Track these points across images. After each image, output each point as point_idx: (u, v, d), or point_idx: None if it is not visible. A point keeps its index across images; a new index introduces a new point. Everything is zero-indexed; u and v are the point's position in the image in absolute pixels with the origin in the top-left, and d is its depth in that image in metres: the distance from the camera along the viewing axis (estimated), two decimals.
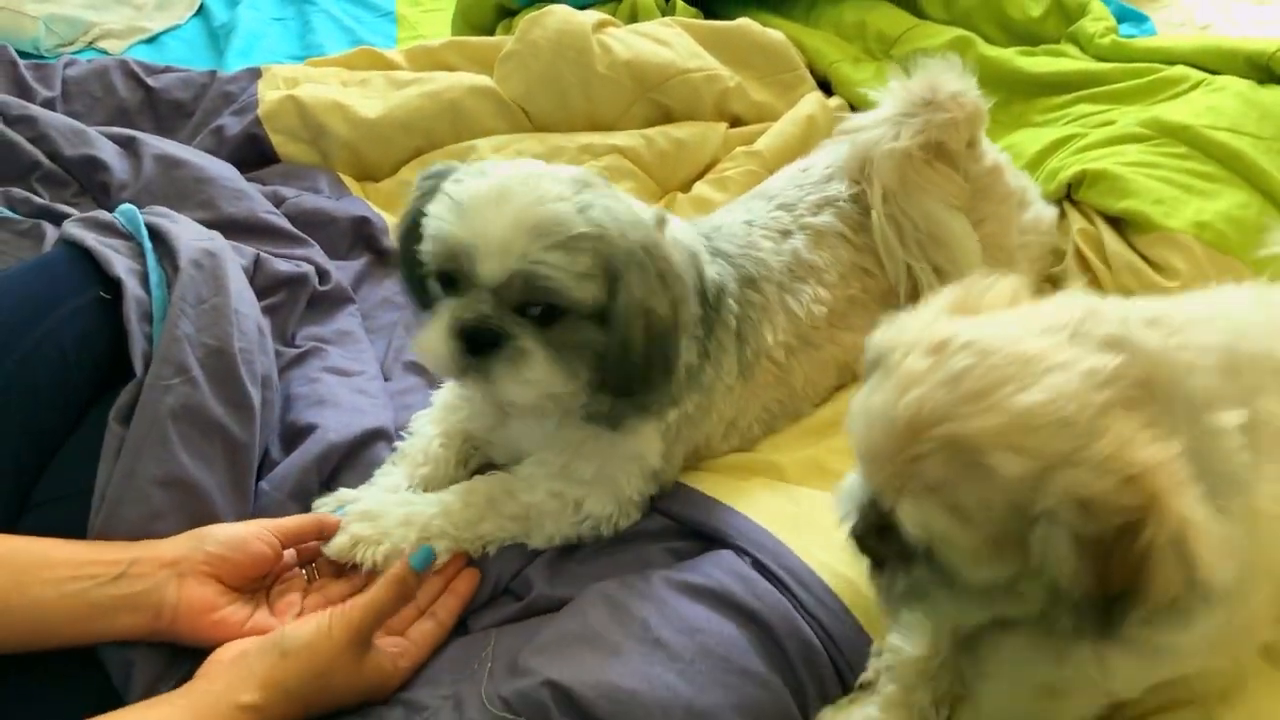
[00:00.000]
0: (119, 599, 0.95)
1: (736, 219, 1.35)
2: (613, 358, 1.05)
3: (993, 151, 1.50)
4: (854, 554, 0.88)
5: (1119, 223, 1.54)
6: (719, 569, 1.09)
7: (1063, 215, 1.60)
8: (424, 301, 1.14)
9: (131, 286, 1.14)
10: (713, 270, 1.21)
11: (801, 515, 1.16)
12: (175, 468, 1.06)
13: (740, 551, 1.11)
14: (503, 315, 1.03)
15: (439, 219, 1.03)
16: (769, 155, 1.81)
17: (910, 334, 0.80)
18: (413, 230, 1.08)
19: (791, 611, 1.05)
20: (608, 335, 1.05)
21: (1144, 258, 1.48)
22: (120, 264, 1.16)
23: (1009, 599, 0.80)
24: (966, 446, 0.72)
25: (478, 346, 1.03)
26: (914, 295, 1.36)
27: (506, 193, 1.01)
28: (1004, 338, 0.76)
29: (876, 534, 0.83)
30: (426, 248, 1.05)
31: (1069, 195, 1.61)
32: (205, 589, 0.99)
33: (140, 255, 1.19)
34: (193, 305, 1.15)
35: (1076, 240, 1.55)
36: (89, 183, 1.61)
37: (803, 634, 1.04)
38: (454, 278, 1.04)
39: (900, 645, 1.02)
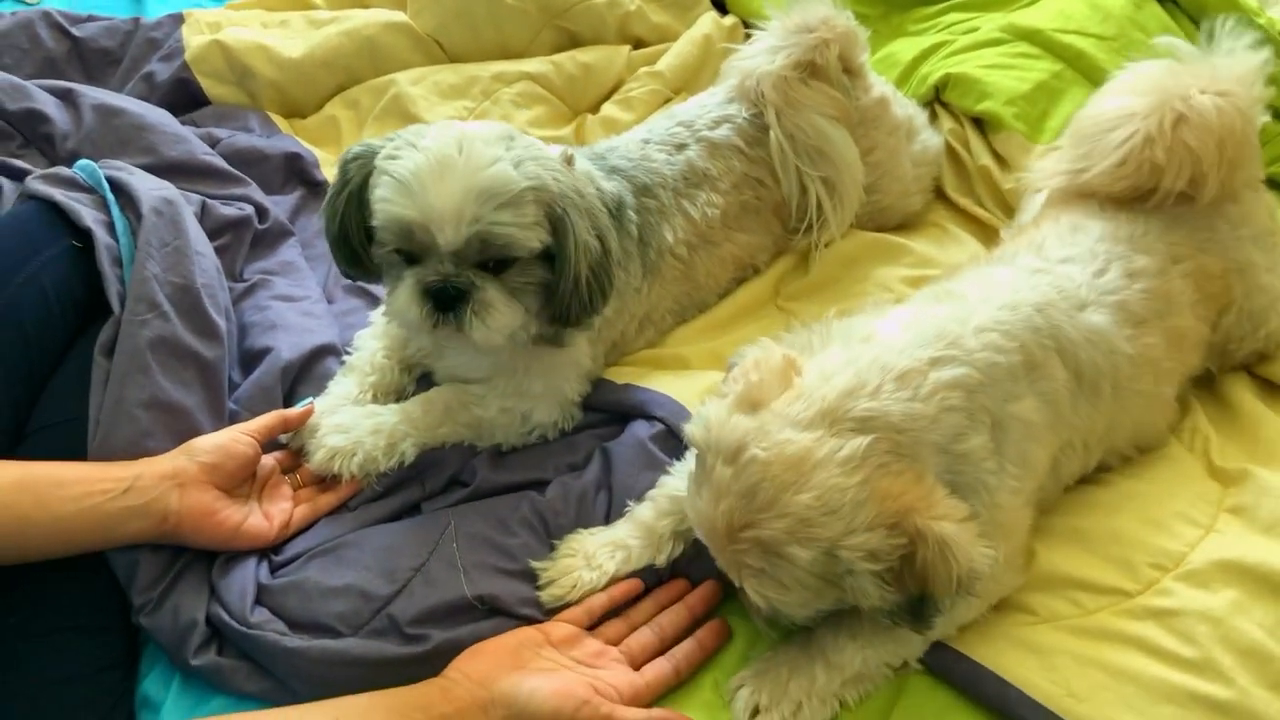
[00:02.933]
0: (128, 510, 1.10)
1: (634, 137, 1.49)
2: (563, 291, 1.18)
3: (880, 84, 1.66)
4: None
5: (981, 121, 1.72)
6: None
7: (934, 117, 1.78)
8: (356, 271, 1.26)
9: (100, 235, 1.27)
10: (610, 186, 1.33)
11: (700, 389, 1.34)
12: (158, 391, 1.21)
13: (650, 418, 1.31)
14: (463, 271, 1.14)
15: (388, 202, 1.13)
16: (670, 74, 1.96)
17: (714, 434, 1.00)
18: (347, 209, 1.19)
19: None
20: (556, 272, 1.18)
21: (996, 153, 1.66)
22: (88, 215, 1.28)
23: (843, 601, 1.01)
24: (769, 545, 0.95)
25: (446, 303, 1.15)
26: (804, 207, 1.55)
27: (447, 164, 1.11)
28: (777, 444, 0.96)
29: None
30: (381, 228, 1.15)
31: (938, 97, 1.78)
32: (203, 495, 1.14)
33: (104, 207, 1.31)
34: (157, 248, 1.28)
35: (948, 139, 1.73)
36: (33, 135, 1.70)
37: None
38: (412, 252, 1.16)
39: (666, 479, 1.23)
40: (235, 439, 1.19)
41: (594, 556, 1.18)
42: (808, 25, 1.52)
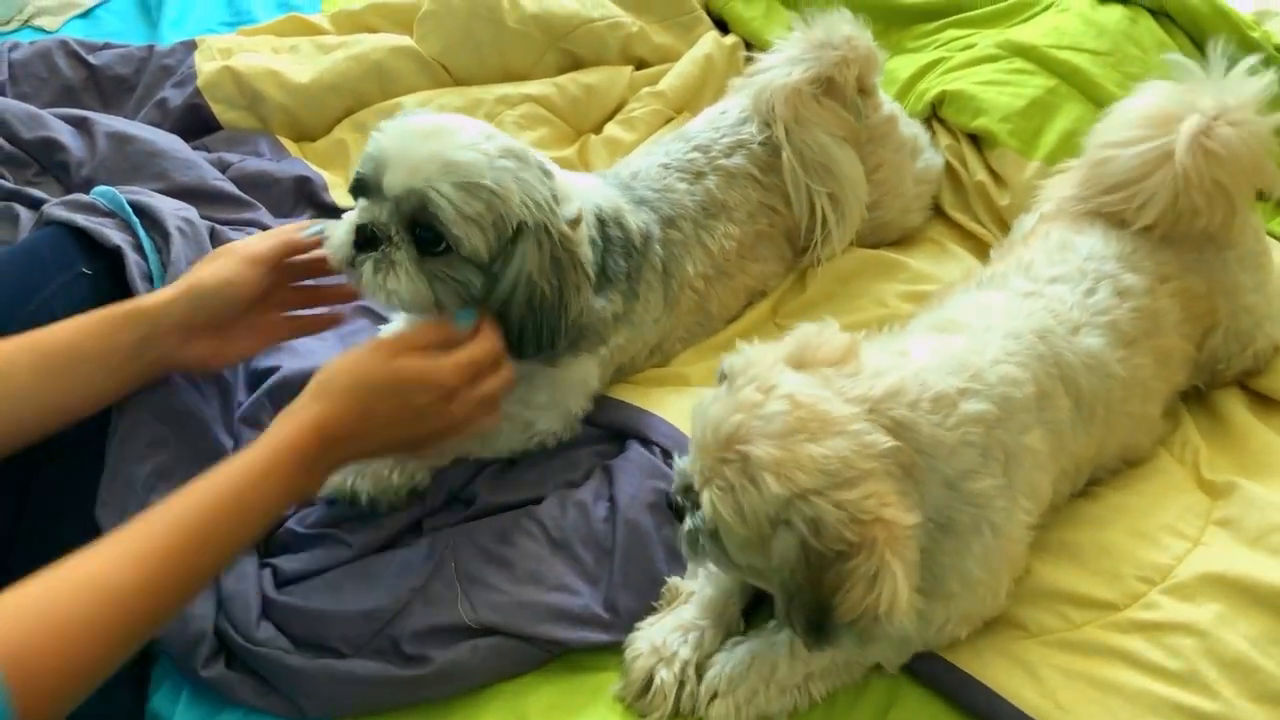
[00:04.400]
0: (144, 368, 1.21)
1: (654, 162, 1.50)
2: (493, 313, 1.18)
3: (888, 103, 1.68)
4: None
5: (977, 137, 1.74)
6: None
7: (932, 133, 1.80)
8: None
9: (129, 253, 1.31)
10: (636, 219, 1.36)
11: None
12: (177, 401, 1.26)
13: (648, 443, 1.33)
14: (394, 227, 1.15)
15: (378, 132, 1.17)
16: (672, 94, 1.99)
17: (755, 369, 1.01)
18: None
19: None
20: (490, 290, 1.18)
21: (992, 169, 1.68)
22: (115, 236, 1.32)
23: (763, 581, 1.04)
24: (752, 466, 0.94)
25: (363, 244, 1.16)
26: (811, 226, 1.56)
27: (438, 130, 1.16)
28: (815, 398, 0.97)
29: (685, 494, 1.06)
30: (362, 156, 1.18)
31: (935, 114, 1.80)
32: (208, 342, 1.23)
33: (127, 229, 1.36)
34: (185, 265, 1.32)
35: (945, 155, 1.75)
36: (49, 163, 1.74)
37: None
38: (366, 185, 1.17)
39: None
40: (237, 273, 1.24)
41: (664, 648, 1.14)
42: (831, 42, 1.54)
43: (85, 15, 2.47)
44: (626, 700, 1.14)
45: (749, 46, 2.05)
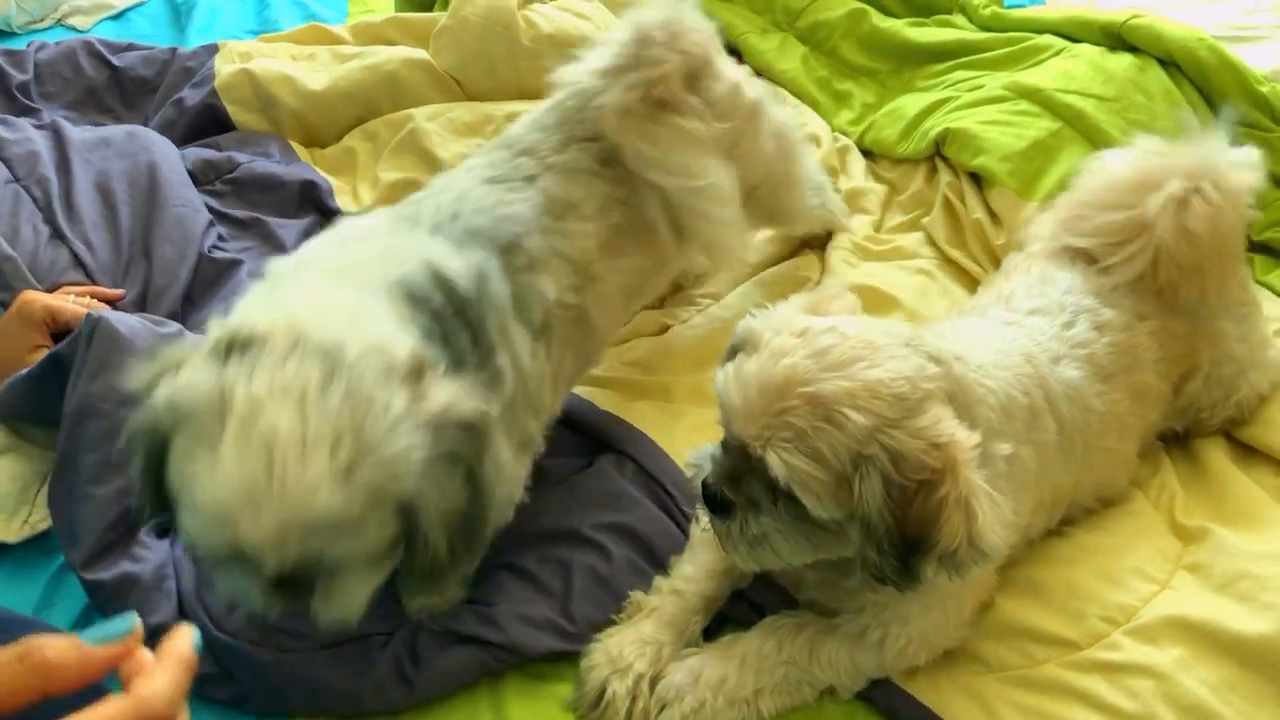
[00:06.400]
0: None
1: (476, 180, 1.27)
2: (422, 565, 0.94)
3: (730, 68, 1.44)
4: (703, 504, 1.05)
5: (978, 176, 1.74)
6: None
7: (934, 171, 1.81)
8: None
9: None
10: (462, 263, 1.12)
11: (684, 428, 1.39)
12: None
13: (621, 454, 1.34)
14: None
15: (193, 530, 0.89)
16: None
17: (776, 322, 0.99)
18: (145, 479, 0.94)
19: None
20: (409, 550, 0.93)
21: (990, 209, 1.68)
22: None
23: (837, 542, 1.00)
24: (825, 403, 0.92)
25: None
26: (679, 225, 1.37)
27: (255, 494, 0.83)
28: (858, 328, 0.97)
29: (729, 483, 1.02)
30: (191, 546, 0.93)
31: (939, 151, 1.81)
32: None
33: None
34: None
35: (946, 192, 1.75)
36: None
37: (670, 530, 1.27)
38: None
39: (691, 573, 1.19)
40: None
41: (620, 659, 1.12)
42: (647, 39, 1.29)
43: (117, 17, 2.53)
44: (579, 710, 1.13)
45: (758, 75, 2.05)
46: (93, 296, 1.51)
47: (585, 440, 1.42)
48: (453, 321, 1.08)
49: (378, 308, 1.02)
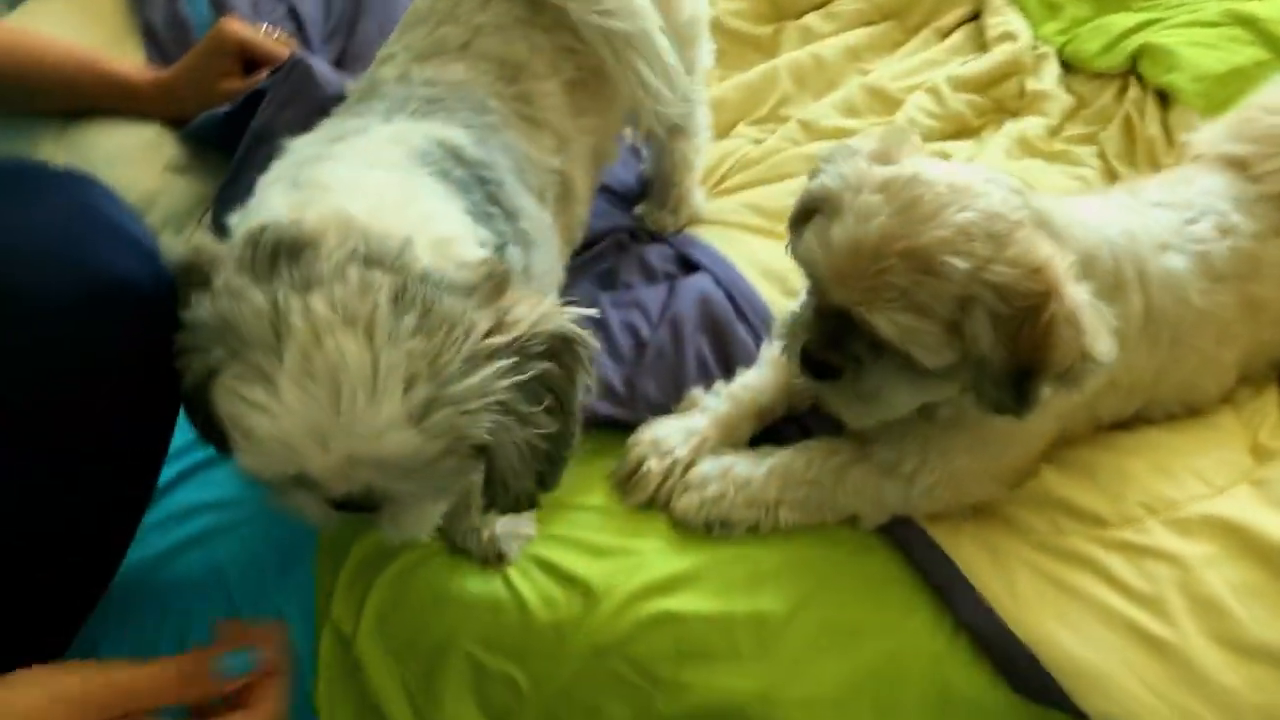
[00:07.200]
0: None
1: (408, 61, 1.15)
2: (499, 501, 0.88)
3: None
4: (803, 372, 1.05)
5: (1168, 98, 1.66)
6: None
7: (1124, 87, 1.74)
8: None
9: None
10: (460, 130, 1.04)
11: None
12: None
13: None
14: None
15: (251, 457, 0.80)
16: None
17: (852, 178, 0.98)
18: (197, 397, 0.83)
19: None
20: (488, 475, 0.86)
21: (1167, 130, 1.61)
22: None
23: (947, 383, 1.02)
24: (923, 256, 0.92)
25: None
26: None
27: (320, 428, 0.75)
28: (940, 171, 0.97)
29: (830, 345, 1.02)
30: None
31: (1134, 69, 1.73)
32: None
33: None
34: None
35: (1129, 108, 1.68)
36: None
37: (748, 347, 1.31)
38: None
39: (752, 381, 1.23)
40: None
41: (663, 442, 1.17)
42: None
43: None
44: (615, 480, 1.19)
45: None
46: None
47: None
48: (479, 191, 0.99)
49: (424, 190, 0.93)
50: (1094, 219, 1.10)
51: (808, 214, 1.03)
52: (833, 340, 1.02)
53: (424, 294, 0.77)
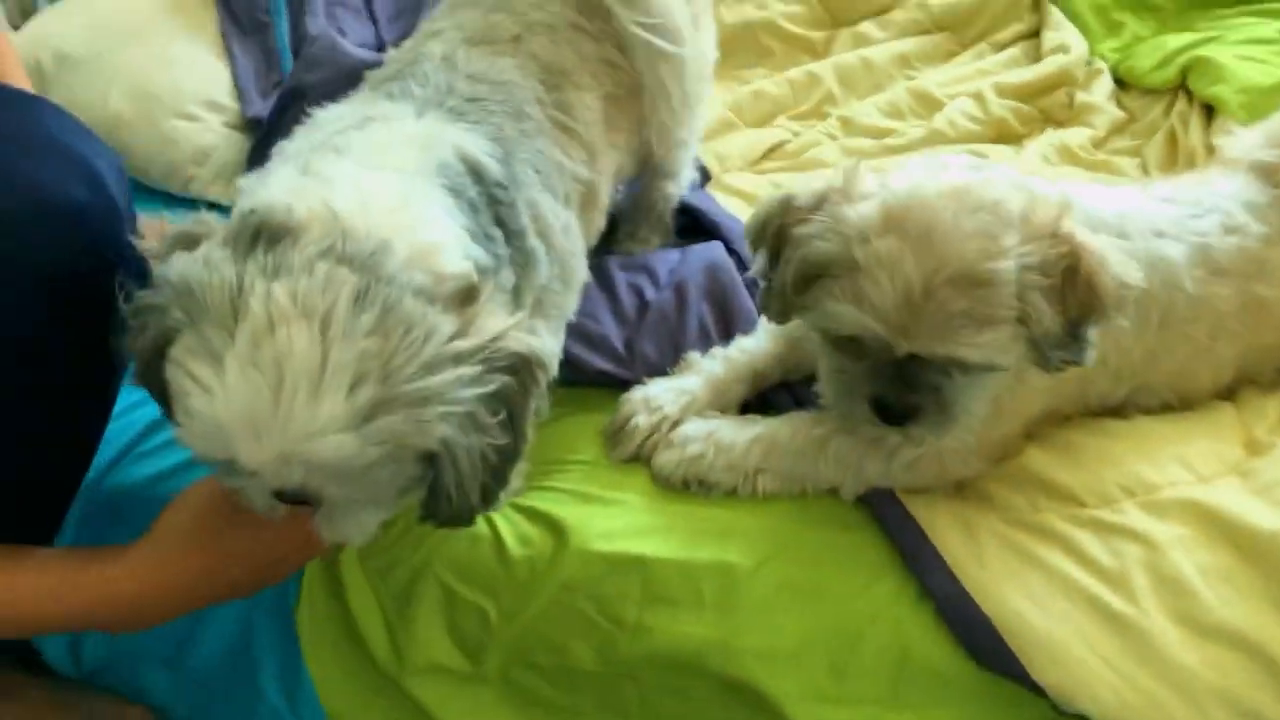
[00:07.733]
0: None
1: (457, 42, 1.13)
2: (440, 512, 0.85)
3: None
4: (879, 425, 1.04)
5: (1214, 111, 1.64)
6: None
7: (1173, 102, 1.72)
8: None
9: None
10: (487, 144, 1.02)
11: None
12: None
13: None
14: None
15: (193, 439, 0.79)
16: (938, 10, 1.98)
17: (850, 230, 0.97)
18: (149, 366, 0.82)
19: None
20: (433, 487, 0.84)
21: (1209, 140, 1.59)
22: None
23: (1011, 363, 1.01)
24: (970, 273, 0.92)
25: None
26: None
27: (258, 420, 0.74)
28: (935, 186, 0.97)
29: (902, 387, 1.00)
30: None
31: (1184, 84, 1.72)
32: None
33: None
34: None
35: (1174, 121, 1.67)
36: None
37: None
38: None
39: (749, 345, 1.25)
40: None
41: (653, 400, 1.20)
42: None
43: None
44: (606, 434, 1.23)
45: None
46: None
47: None
48: (487, 213, 0.98)
49: (424, 197, 0.91)
50: (1087, 197, 1.10)
51: (808, 280, 1.02)
52: (904, 382, 1.01)
53: (387, 295, 0.76)
